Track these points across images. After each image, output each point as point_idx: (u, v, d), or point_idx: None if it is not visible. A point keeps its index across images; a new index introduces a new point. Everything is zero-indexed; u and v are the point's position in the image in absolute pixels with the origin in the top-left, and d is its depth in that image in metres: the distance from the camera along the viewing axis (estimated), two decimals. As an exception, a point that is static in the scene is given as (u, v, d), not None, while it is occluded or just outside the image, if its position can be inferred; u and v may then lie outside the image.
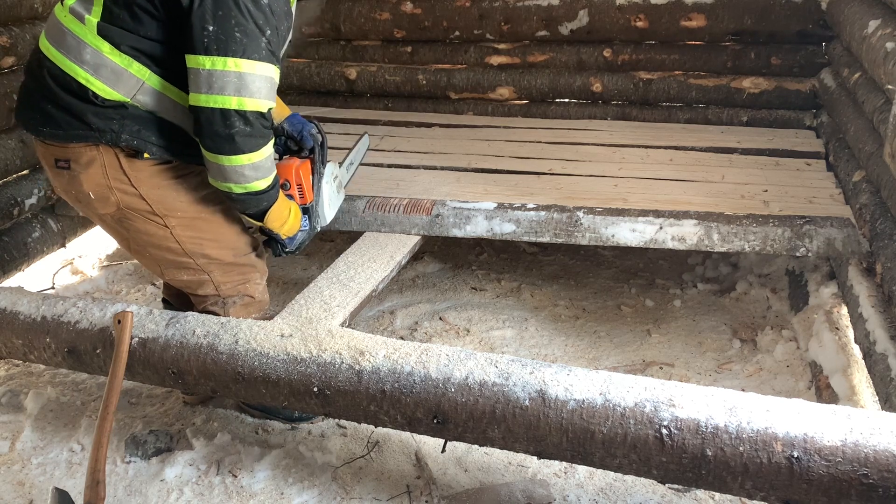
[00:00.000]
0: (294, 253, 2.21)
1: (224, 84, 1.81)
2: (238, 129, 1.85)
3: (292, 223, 2.15)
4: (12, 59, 2.88)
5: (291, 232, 2.17)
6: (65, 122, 1.93)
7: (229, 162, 1.89)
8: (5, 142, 2.91)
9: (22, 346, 2.17)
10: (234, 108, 1.82)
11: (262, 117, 1.89)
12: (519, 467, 2.13)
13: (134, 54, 1.88)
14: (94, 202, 2.02)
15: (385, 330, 2.87)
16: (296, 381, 1.87)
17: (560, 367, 1.73)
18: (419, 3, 3.90)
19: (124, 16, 1.87)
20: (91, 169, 1.97)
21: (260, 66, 1.83)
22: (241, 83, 1.81)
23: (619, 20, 3.64)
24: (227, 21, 1.78)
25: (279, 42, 1.91)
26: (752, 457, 1.52)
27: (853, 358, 2.24)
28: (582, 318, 2.94)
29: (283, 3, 1.91)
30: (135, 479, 2.13)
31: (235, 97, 1.82)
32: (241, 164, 1.89)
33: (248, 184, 1.94)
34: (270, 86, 1.89)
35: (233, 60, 1.79)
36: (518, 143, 3.46)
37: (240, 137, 1.86)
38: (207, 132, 1.86)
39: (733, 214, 2.56)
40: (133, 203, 2.02)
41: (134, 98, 1.91)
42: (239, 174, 1.91)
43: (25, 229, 3.00)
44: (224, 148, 1.87)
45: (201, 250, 2.11)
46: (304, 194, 2.22)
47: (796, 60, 3.54)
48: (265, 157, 1.94)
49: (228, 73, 1.80)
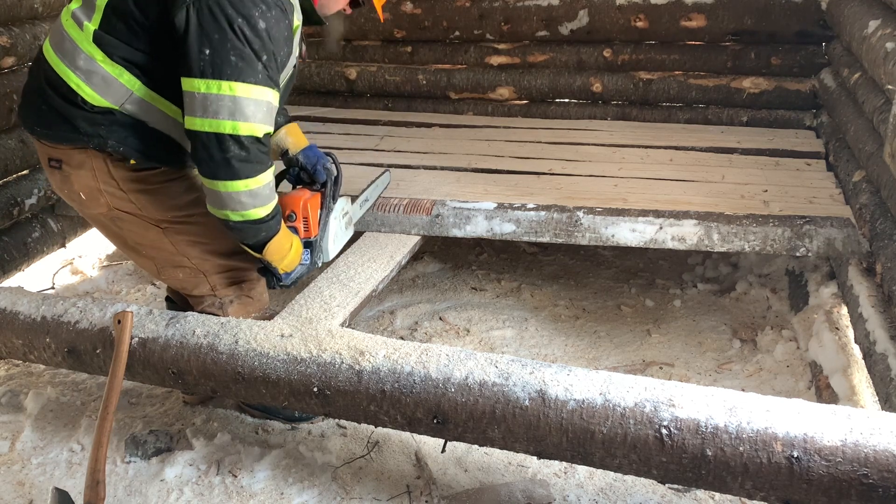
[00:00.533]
0: (288, 287, 2.14)
1: (219, 108, 1.79)
2: (233, 154, 1.82)
3: (292, 258, 2.09)
4: (12, 59, 2.88)
5: (290, 267, 2.10)
6: (56, 123, 1.95)
7: (225, 188, 1.86)
8: (5, 142, 2.91)
9: (22, 346, 2.17)
10: (228, 132, 1.80)
11: (258, 142, 1.86)
12: (519, 467, 2.13)
13: (126, 65, 1.89)
14: (86, 202, 2.04)
15: (385, 330, 2.87)
16: (296, 381, 1.87)
17: (560, 367, 1.73)
18: (419, 3, 3.90)
19: (120, 27, 1.88)
20: (81, 171, 1.99)
21: (256, 91, 1.81)
22: (235, 107, 1.79)
23: (619, 20, 3.63)
24: (222, 45, 1.77)
25: (277, 67, 1.89)
26: (752, 457, 1.52)
27: (853, 358, 2.24)
28: (582, 318, 2.94)
29: (284, 28, 1.88)
30: (135, 479, 2.13)
31: (230, 121, 1.80)
32: (237, 190, 1.86)
33: (245, 211, 1.90)
34: (267, 110, 1.86)
35: (227, 84, 1.78)
36: (518, 143, 3.46)
37: (236, 162, 1.83)
38: (203, 157, 1.84)
39: (733, 214, 2.56)
40: (123, 205, 2.03)
41: (122, 106, 1.92)
42: (236, 201, 1.88)
43: (25, 229, 3.00)
44: (219, 173, 1.84)
45: (195, 251, 2.11)
46: (310, 228, 2.16)
47: (796, 60, 3.54)
48: (263, 185, 1.90)
49: (223, 97, 1.78)
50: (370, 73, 4.03)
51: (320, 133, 3.69)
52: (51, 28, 2.02)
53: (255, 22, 1.79)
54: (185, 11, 1.78)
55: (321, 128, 3.78)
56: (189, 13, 1.78)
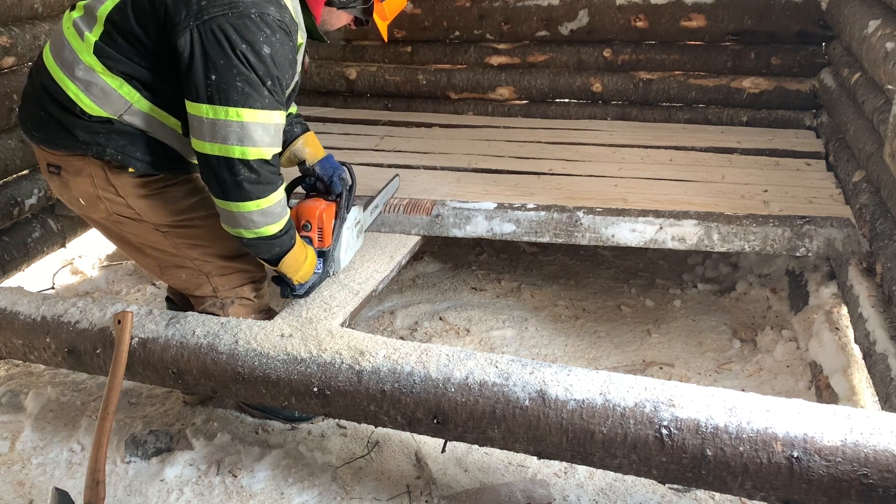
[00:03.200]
0: (302, 297, 2.17)
1: (227, 133, 1.80)
2: (244, 177, 1.84)
3: (307, 269, 2.12)
4: (12, 59, 2.87)
5: (305, 278, 2.13)
6: (54, 130, 1.95)
7: (237, 208, 1.88)
8: (5, 142, 2.91)
9: (22, 346, 2.17)
10: (237, 157, 1.82)
11: (267, 164, 1.86)
12: (519, 467, 2.13)
13: (125, 77, 1.89)
14: (86, 207, 2.06)
15: (385, 330, 2.87)
16: (296, 381, 1.87)
17: (560, 367, 1.73)
18: (419, 3, 3.90)
19: (121, 41, 1.87)
20: (79, 178, 1.99)
21: (262, 115, 1.82)
22: (243, 133, 1.80)
23: (619, 20, 3.64)
24: (228, 71, 1.77)
25: (282, 89, 1.89)
26: (752, 457, 1.52)
27: (853, 358, 2.24)
28: (582, 318, 2.94)
29: (288, 51, 1.88)
30: (135, 479, 2.13)
31: (238, 146, 1.81)
32: (249, 210, 1.88)
33: (257, 229, 1.92)
34: (275, 132, 1.87)
35: (234, 110, 1.78)
36: (518, 143, 3.46)
37: (247, 185, 1.85)
38: (214, 179, 1.86)
39: (733, 214, 2.56)
40: (123, 210, 2.04)
41: (121, 117, 1.92)
42: (248, 220, 1.90)
43: (25, 229, 3.00)
44: (231, 195, 1.86)
45: (196, 253, 2.12)
46: (324, 238, 2.19)
47: (796, 60, 3.54)
48: (275, 203, 1.91)
49: (231, 123, 1.79)
50: (370, 73, 4.03)
51: (320, 133, 3.65)
52: (52, 32, 2.01)
53: (259, 48, 1.78)
54: (188, 35, 1.77)
55: (321, 128, 3.78)
56: (192, 37, 1.77)
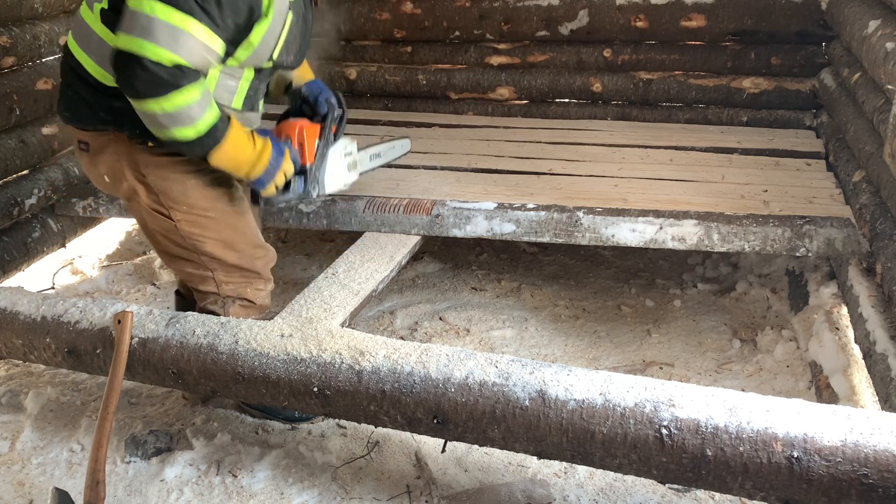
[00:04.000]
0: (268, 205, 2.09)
1: (133, 24, 1.77)
2: (136, 74, 1.79)
3: (255, 164, 2.03)
4: (12, 59, 2.87)
5: (258, 173, 2.04)
6: (79, 108, 2.03)
7: (139, 106, 1.85)
8: (5, 142, 2.90)
9: (22, 346, 2.17)
10: (135, 50, 1.77)
11: (162, 67, 1.79)
12: (519, 467, 2.13)
13: None
14: (111, 184, 2.13)
15: (385, 330, 2.86)
16: (296, 381, 1.87)
17: (560, 367, 1.73)
18: (419, 3, 3.89)
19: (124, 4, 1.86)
20: (105, 154, 2.06)
21: (176, 16, 1.77)
22: (148, 26, 1.76)
23: (619, 20, 3.63)
24: None
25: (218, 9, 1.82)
26: (752, 457, 1.51)
27: (853, 358, 2.24)
28: (582, 318, 2.94)
29: None
30: (135, 479, 2.13)
31: (139, 39, 1.77)
32: (151, 110, 1.83)
33: (167, 130, 1.87)
34: (184, 41, 1.79)
35: (149, 3, 1.76)
36: (518, 143, 3.46)
37: (138, 82, 1.80)
38: (115, 70, 1.83)
39: (733, 214, 2.56)
40: (142, 190, 2.08)
41: None
42: (151, 119, 1.86)
43: (25, 229, 3.00)
44: (128, 90, 1.83)
45: (205, 248, 2.13)
46: (304, 155, 2.19)
47: (796, 60, 3.54)
48: (181, 108, 1.83)
49: (139, 14, 1.76)
50: (370, 73, 4.03)
51: (320, 133, 3.68)
52: None
53: None
54: None
55: (321, 128, 3.78)
56: None
